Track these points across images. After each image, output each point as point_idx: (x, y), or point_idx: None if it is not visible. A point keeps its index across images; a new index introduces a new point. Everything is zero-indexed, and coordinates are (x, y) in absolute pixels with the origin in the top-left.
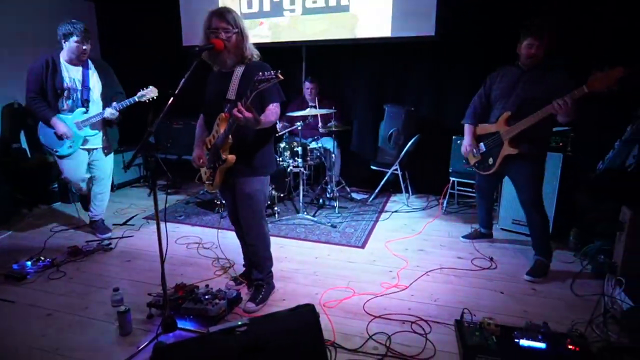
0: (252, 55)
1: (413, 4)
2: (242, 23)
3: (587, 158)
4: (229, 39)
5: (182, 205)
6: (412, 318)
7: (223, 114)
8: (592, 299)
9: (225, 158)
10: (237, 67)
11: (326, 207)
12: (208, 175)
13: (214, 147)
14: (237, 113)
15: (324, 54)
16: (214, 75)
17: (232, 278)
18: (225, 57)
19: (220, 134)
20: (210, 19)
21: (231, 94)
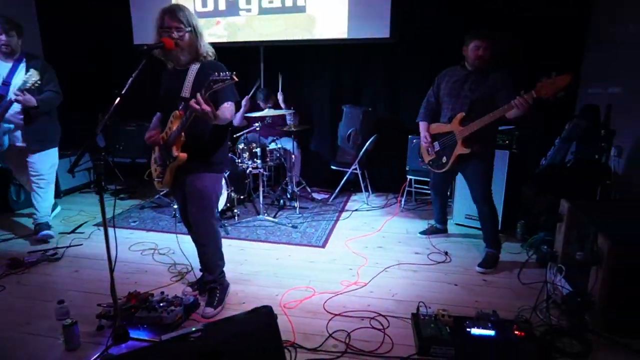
0: (206, 53)
1: (368, 6)
2: (195, 21)
3: (531, 155)
4: (181, 37)
5: (137, 210)
6: (371, 314)
7: (177, 111)
8: (536, 287)
9: (177, 155)
10: (192, 65)
11: (287, 207)
12: (158, 173)
13: (166, 144)
14: (194, 104)
15: (282, 54)
16: (168, 72)
17: (188, 284)
18: (178, 54)
19: (173, 131)
20: (162, 17)
21: (186, 91)
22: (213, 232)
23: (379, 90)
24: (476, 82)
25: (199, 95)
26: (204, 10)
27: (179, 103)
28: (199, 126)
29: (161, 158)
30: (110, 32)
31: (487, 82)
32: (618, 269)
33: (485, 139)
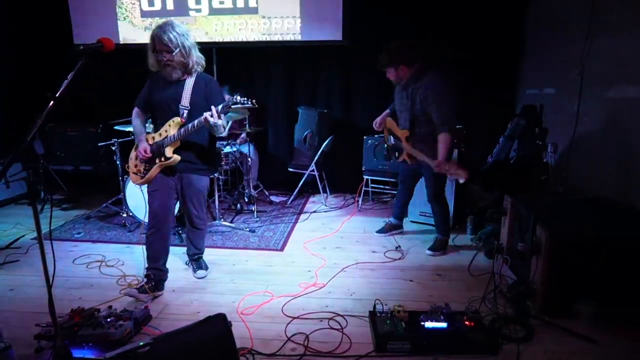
0: (198, 65)
1: (320, 9)
2: (182, 39)
3: (479, 153)
4: (172, 59)
5: (82, 221)
6: (330, 315)
7: (179, 118)
8: (485, 278)
9: (171, 157)
10: (187, 78)
11: (244, 212)
12: (140, 169)
13: (158, 144)
14: (209, 117)
15: (235, 56)
16: (162, 80)
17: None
18: (170, 72)
19: (170, 135)
20: (153, 40)
21: (185, 101)
22: (206, 219)
23: (334, 92)
24: (410, 96)
25: (214, 109)
26: (150, 9)
27: (179, 111)
28: (199, 134)
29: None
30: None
31: (418, 95)
32: (555, 257)
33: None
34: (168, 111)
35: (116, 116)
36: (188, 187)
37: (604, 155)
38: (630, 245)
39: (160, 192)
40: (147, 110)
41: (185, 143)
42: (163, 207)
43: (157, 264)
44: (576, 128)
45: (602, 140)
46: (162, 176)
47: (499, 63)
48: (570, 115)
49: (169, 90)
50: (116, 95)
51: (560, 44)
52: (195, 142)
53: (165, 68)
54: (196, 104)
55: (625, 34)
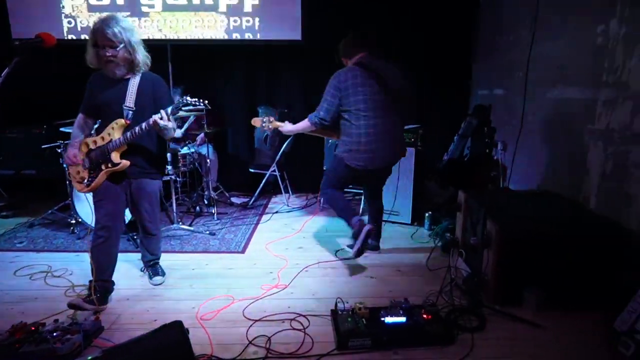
0: (143, 63)
1: (279, 9)
2: (128, 35)
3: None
4: (115, 54)
5: (25, 229)
6: (292, 315)
7: (123, 120)
8: (442, 272)
9: (119, 162)
10: (131, 77)
11: (204, 214)
12: (84, 176)
13: (102, 149)
14: (159, 120)
15: (192, 54)
16: (104, 79)
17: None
18: (114, 68)
19: (115, 139)
20: (95, 34)
21: (130, 102)
22: (159, 223)
23: (294, 91)
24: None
25: (163, 112)
26: (98, 4)
27: (124, 112)
28: (148, 137)
29: (92, 162)
30: None
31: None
32: (504, 249)
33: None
34: (111, 113)
35: (62, 116)
36: (138, 192)
37: (548, 151)
38: (572, 235)
39: (106, 201)
40: (92, 115)
41: (133, 147)
42: (110, 216)
43: (103, 276)
44: (522, 126)
45: (545, 138)
46: (108, 183)
47: (453, 65)
48: (517, 115)
49: (111, 90)
50: (62, 94)
51: (508, 48)
52: (144, 145)
53: (107, 65)
54: (142, 104)
55: (564, 39)
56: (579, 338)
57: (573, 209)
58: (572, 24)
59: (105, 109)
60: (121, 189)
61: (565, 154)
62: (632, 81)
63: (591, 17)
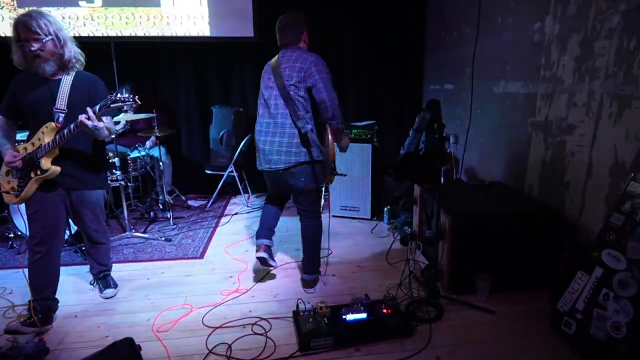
0: (75, 60)
1: (228, 5)
2: (54, 27)
3: (390, 146)
4: (42, 48)
5: None
6: (253, 320)
7: (54, 123)
8: (401, 265)
9: (48, 169)
10: (63, 76)
11: (159, 220)
12: (12, 186)
13: (32, 155)
14: (86, 120)
15: (138, 52)
16: (29, 81)
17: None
18: (42, 64)
19: (44, 143)
20: (17, 29)
21: (61, 104)
22: (107, 231)
23: (249, 90)
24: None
25: (90, 111)
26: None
27: (54, 115)
28: (81, 140)
29: (21, 170)
30: None
31: None
32: (456, 240)
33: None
34: (40, 115)
35: None
36: (79, 203)
37: (495, 144)
38: (517, 223)
39: (41, 213)
40: (14, 117)
41: (67, 152)
42: (47, 230)
43: (44, 294)
44: (471, 120)
45: (492, 131)
46: (42, 193)
47: (405, 61)
48: (466, 109)
49: (40, 90)
50: None
51: (456, 44)
52: (79, 149)
53: (34, 61)
54: (76, 106)
55: (506, 36)
56: (527, 320)
57: (518, 198)
58: (512, 21)
59: (34, 111)
60: (59, 199)
61: (511, 145)
62: (565, 76)
63: (529, 15)
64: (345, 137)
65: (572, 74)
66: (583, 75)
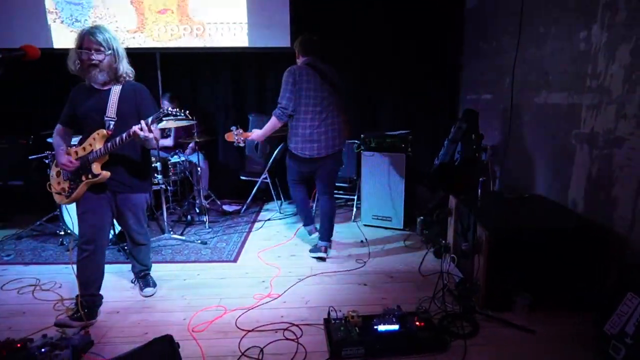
0: (126, 74)
1: (268, 16)
2: (115, 43)
3: (425, 156)
4: (101, 60)
5: (12, 242)
6: (285, 325)
7: (105, 130)
8: (435, 277)
9: (99, 173)
10: (113, 86)
11: (196, 223)
12: (64, 187)
13: (83, 160)
14: (139, 130)
15: (180, 62)
16: (85, 90)
17: (72, 314)
18: (97, 74)
19: (95, 149)
20: (82, 38)
21: (111, 112)
22: (148, 233)
23: None
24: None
25: (143, 123)
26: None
27: (105, 123)
28: (129, 147)
29: (73, 173)
30: None
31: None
32: (494, 254)
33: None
34: (93, 123)
35: (49, 127)
36: (124, 205)
37: (536, 156)
38: (559, 239)
39: (90, 214)
40: (71, 125)
41: (116, 158)
42: (95, 229)
43: (89, 290)
44: (510, 131)
45: (533, 143)
46: (91, 194)
47: (441, 70)
48: (505, 120)
49: (92, 99)
50: (50, 105)
51: (495, 53)
52: (127, 155)
53: (89, 69)
54: (124, 114)
55: (548, 45)
56: (570, 341)
57: (561, 213)
58: (556, 30)
59: (87, 119)
60: (106, 201)
61: (553, 158)
62: (614, 86)
63: (574, 24)
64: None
65: (622, 84)
66: (634, 85)
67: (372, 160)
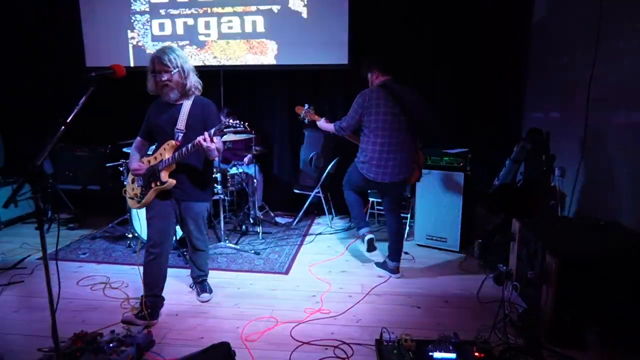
0: (195, 88)
1: (327, 35)
2: (181, 61)
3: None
4: (170, 79)
5: (88, 241)
6: (335, 342)
7: (174, 141)
8: (494, 305)
9: (166, 181)
10: (184, 101)
11: (249, 233)
12: (137, 193)
13: (154, 168)
14: (202, 141)
15: (241, 78)
16: (160, 105)
17: (137, 313)
18: (169, 92)
19: (165, 158)
20: (153, 62)
21: (181, 125)
22: (207, 240)
23: (338, 114)
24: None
25: (206, 134)
26: (161, 34)
27: (175, 134)
28: (193, 158)
29: (144, 180)
30: (62, 55)
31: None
32: (564, 285)
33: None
34: (164, 134)
35: (125, 137)
36: (186, 212)
37: (613, 180)
38: (637, 270)
39: (157, 218)
40: (148, 138)
41: (181, 167)
42: (161, 234)
43: (153, 291)
44: (584, 153)
45: (610, 166)
46: (159, 201)
47: (503, 86)
48: (576, 139)
49: (166, 114)
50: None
51: (565, 69)
52: (192, 165)
53: (163, 89)
54: (192, 127)
55: (629, 59)
56: None
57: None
58: (638, 45)
59: (160, 131)
60: (171, 208)
61: (632, 182)
62: None
63: None
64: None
65: None
66: None
67: (428, 178)
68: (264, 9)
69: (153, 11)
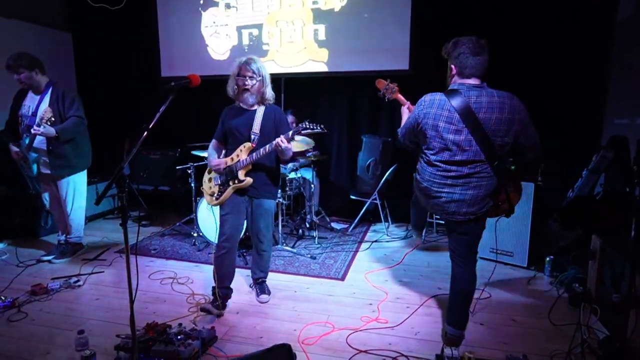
0: (270, 97)
1: (389, 41)
2: (264, 71)
3: (558, 186)
4: (253, 85)
5: (158, 238)
6: (393, 354)
7: (250, 143)
8: (569, 329)
9: (244, 179)
10: (258, 107)
11: (306, 237)
12: (214, 191)
13: (231, 168)
14: (281, 142)
15: (301, 85)
16: (235, 110)
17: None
18: (248, 97)
19: (242, 159)
20: (239, 67)
21: (256, 128)
22: (271, 241)
23: (398, 121)
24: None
25: (283, 136)
26: (229, 45)
27: (251, 137)
28: (268, 159)
29: (222, 179)
30: (141, 66)
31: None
32: None
33: None
34: (240, 137)
35: (193, 141)
36: (258, 209)
37: None
38: None
39: (232, 215)
40: (223, 140)
41: (256, 167)
42: (234, 229)
43: (224, 283)
44: None
45: None
46: (235, 197)
47: (581, 90)
48: None
49: (241, 117)
50: (194, 122)
51: None
52: (265, 164)
53: (243, 93)
54: (265, 130)
55: None
56: None
57: None
58: None
59: (235, 133)
60: (244, 206)
61: None
62: None
63: None
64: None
65: None
66: None
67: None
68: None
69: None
